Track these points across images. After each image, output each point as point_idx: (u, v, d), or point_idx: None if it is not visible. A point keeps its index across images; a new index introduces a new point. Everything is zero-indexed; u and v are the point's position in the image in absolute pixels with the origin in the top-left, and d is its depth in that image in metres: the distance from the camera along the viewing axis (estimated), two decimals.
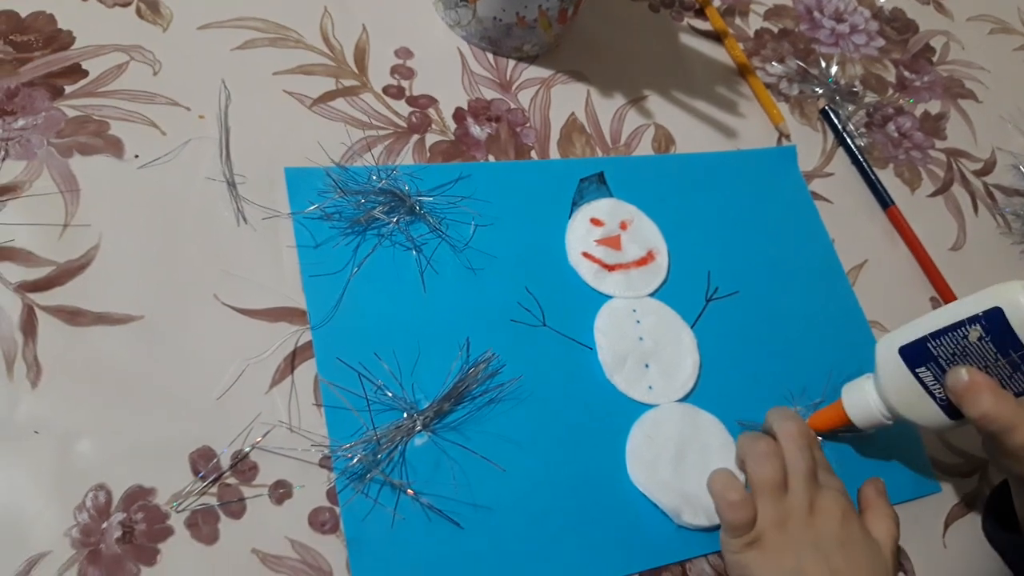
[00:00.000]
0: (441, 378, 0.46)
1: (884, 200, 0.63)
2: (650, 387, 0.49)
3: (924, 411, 0.45)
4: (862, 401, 0.47)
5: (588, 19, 0.62)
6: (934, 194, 0.66)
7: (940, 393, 0.44)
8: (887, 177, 0.65)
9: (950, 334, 0.43)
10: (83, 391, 0.41)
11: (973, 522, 0.52)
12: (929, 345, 0.44)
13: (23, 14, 0.50)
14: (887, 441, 0.52)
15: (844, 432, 0.50)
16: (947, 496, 0.52)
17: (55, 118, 0.47)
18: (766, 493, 0.43)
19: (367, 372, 0.45)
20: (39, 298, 0.42)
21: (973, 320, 0.42)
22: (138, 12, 0.52)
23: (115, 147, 0.47)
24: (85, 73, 0.49)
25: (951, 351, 0.43)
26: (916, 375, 0.45)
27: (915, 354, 0.45)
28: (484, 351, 0.48)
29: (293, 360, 0.44)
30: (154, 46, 0.51)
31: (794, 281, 0.56)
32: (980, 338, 0.42)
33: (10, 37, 0.49)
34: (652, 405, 0.49)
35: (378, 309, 0.47)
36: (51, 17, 0.51)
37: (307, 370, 0.44)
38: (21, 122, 0.46)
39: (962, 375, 0.43)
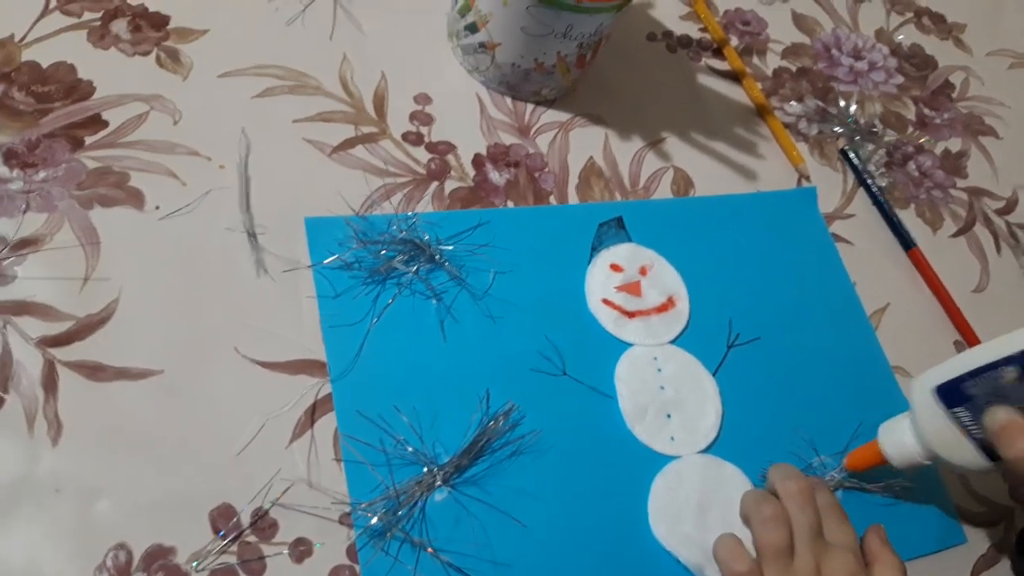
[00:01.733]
0: (461, 430, 0.46)
1: (906, 241, 0.62)
2: (672, 438, 0.49)
3: (961, 452, 0.45)
4: (899, 440, 0.47)
5: (605, 61, 0.62)
6: (956, 234, 0.65)
7: (978, 433, 0.44)
8: (908, 217, 0.64)
9: (986, 374, 0.43)
10: (103, 448, 0.41)
11: (1001, 573, 0.51)
12: (964, 385, 0.43)
13: (44, 64, 0.50)
14: (911, 491, 0.51)
15: (870, 483, 0.49)
16: (973, 547, 0.51)
17: (76, 170, 0.47)
18: (772, 560, 0.42)
19: (387, 426, 0.45)
20: (60, 353, 0.42)
21: (1009, 360, 0.42)
22: (158, 61, 0.53)
23: (135, 198, 0.47)
24: (105, 124, 0.49)
25: (987, 391, 0.43)
26: (953, 415, 0.44)
27: (951, 394, 0.44)
28: (504, 402, 0.47)
29: (313, 414, 0.44)
30: (174, 95, 0.51)
31: (816, 326, 0.56)
32: (1018, 378, 0.41)
33: (31, 88, 0.49)
34: (674, 456, 0.48)
35: (398, 360, 0.47)
36: (72, 67, 0.51)
37: (327, 424, 0.44)
38: (42, 174, 0.47)
39: (999, 416, 0.42)
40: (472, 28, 0.56)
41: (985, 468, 0.45)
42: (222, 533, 0.40)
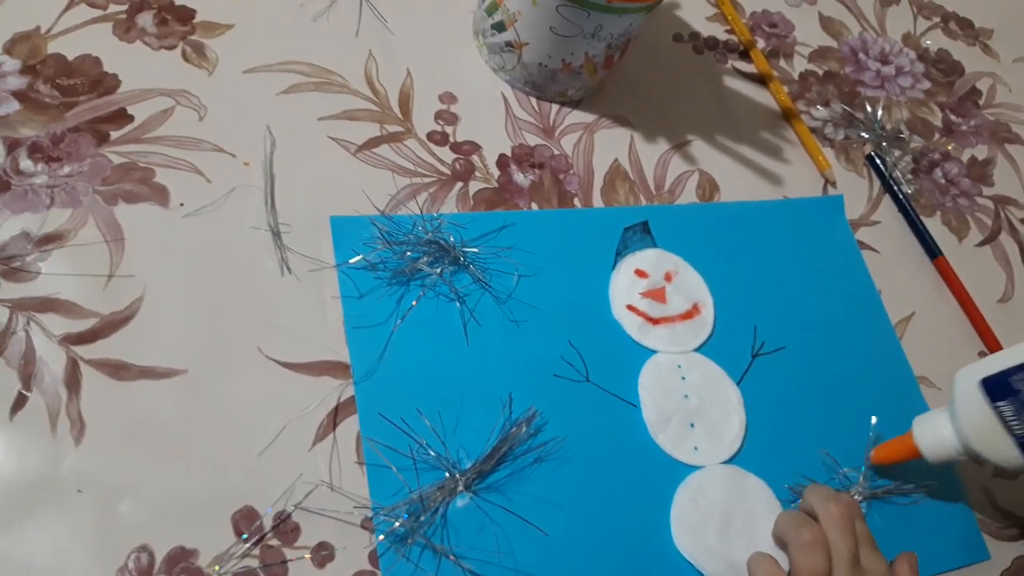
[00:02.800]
0: (483, 435, 0.45)
1: (932, 250, 0.61)
2: (696, 448, 0.48)
3: (1000, 447, 0.44)
4: (935, 434, 0.46)
5: (631, 61, 0.62)
6: (982, 243, 0.64)
7: (1019, 430, 0.43)
8: (934, 225, 0.63)
9: None
10: (126, 448, 0.40)
11: None
12: (1012, 379, 0.43)
13: (70, 57, 0.50)
14: (933, 505, 0.50)
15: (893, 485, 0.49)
16: (996, 563, 0.51)
17: (101, 165, 0.47)
18: None
19: (409, 429, 0.44)
20: (83, 351, 0.42)
21: None
22: (184, 55, 0.52)
23: (160, 195, 0.47)
24: (131, 118, 0.49)
25: None
26: (996, 409, 0.44)
27: (997, 387, 0.44)
28: (527, 407, 0.47)
29: (335, 416, 0.44)
30: (200, 90, 0.51)
31: (841, 336, 0.55)
32: None
33: (56, 81, 0.49)
34: (698, 467, 0.48)
35: (421, 363, 0.47)
36: (97, 60, 0.50)
37: (350, 426, 0.44)
38: (67, 168, 0.46)
39: None
40: (499, 27, 0.55)
41: (1021, 466, 0.45)
42: (244, 536, 0.40)
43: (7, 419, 0.40)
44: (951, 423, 0.46)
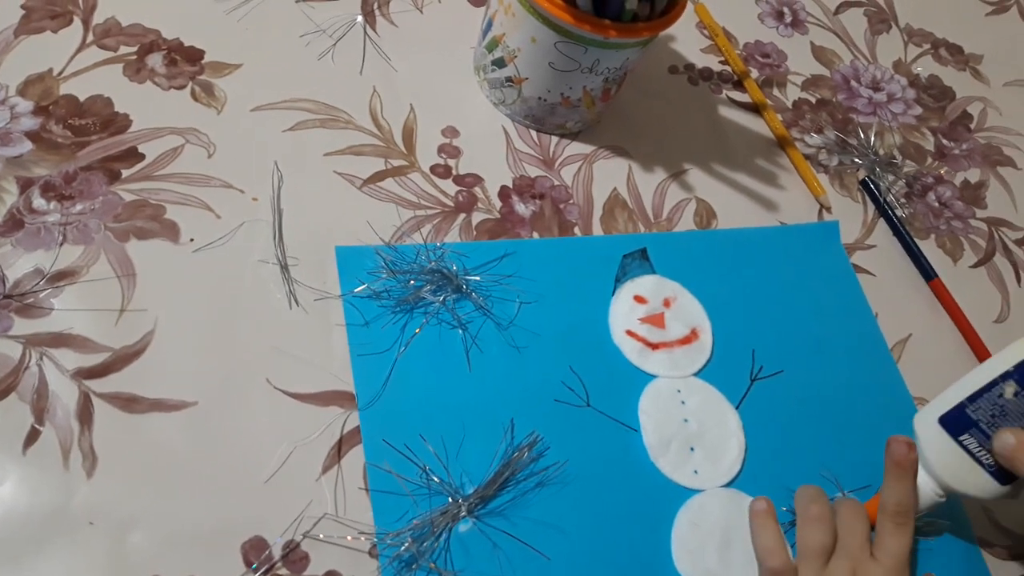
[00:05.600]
0: (486, 460, 0.46)
1: (927, 272, 0.62)
2: (696, 471, 0.49)
3: (974, 480, 0.45)
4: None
5: (628, 93, 0.63)
6: (976, 265, 0.65)
7: (987, 459, 0.44)
8: (929, 248, 0.64)
9: (986, 395, 0.44)
10: (137, 480, 0.41)
11: None
12: (967, 410, 0.44)
13: (82, 98, 0.52)
14: (933, 526, 0.50)
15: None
16: None
17: (112, 202, 0.48)
18: (810, 559, 0.43)
19: (413, 455, 0.45)
20: (95, 385, 0.43)
21: (1005, 376, 0.43)
22: (193, 94, 0.54)
23: (171, 231, 0.48)
24: (141, 156, 0.50)
25: (990, 412, 0.43)
26: (960, 444, 0.45)
27: (955, 422, 0.45)
28: (529, 432, 0.48)
29: (340, 445, 0.45)
30: (209, 128, 0.53)
31: (838, 359, 0.56)
32: (1016, 393, 0.42)
33: (69, 121, 0.50)
34: (698, 490, 0.48)
35: (424, 389, 0.48)
36: (108, 100, 0.52)
37: (357, 453, 0.45)
38: (79, 206, 0.48)
39: (1008, 439, 0.43)
40: (499, 63, 0.56)
41: (1000, 493, 0.45)
42: (255, 566, 0.40)
43: (20, 453, 0.41)
44: (923, 469, 0.47)
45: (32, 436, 0.41)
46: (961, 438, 0.45)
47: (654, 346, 0.53)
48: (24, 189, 0.48)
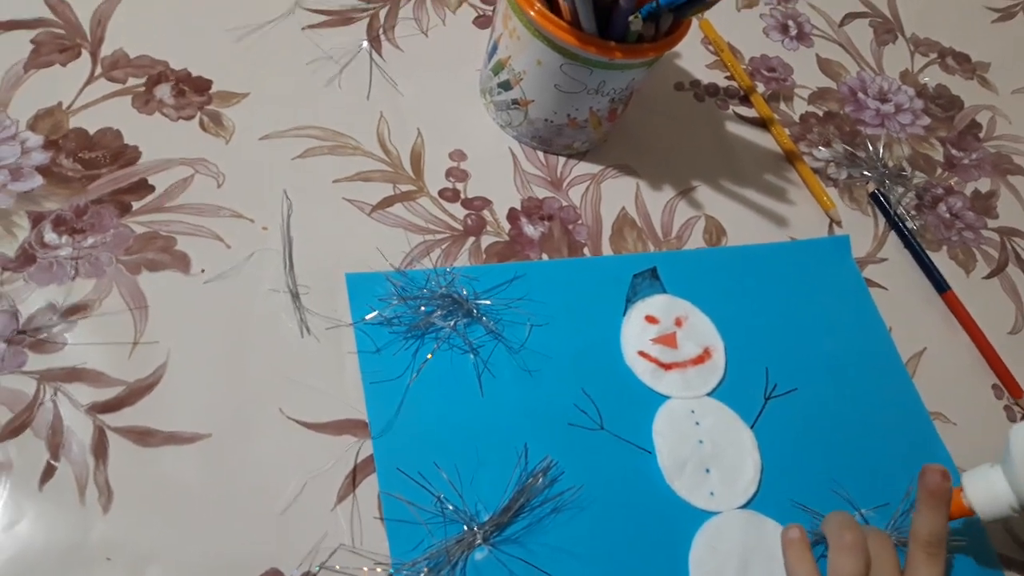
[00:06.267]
0: (500, 486, 0.46)
1: (940, 285, 0.62)
2: (712, 493, 0.49)
3: None
4: (988, 491, 0.46)
5: (634, 111, 0.63)
6: (989, 276, 0.65)
7: None
8: (941, 260, 0.64)
9: None
10: (153, 514, 0.41)
11: None
12: None
13: (91, 131, 0.52)
14: (952, 542, 0.50)
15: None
16: None
17: (123, 235, 0.48)
18: None
19: (427, 483, 0.45)
20: (110, 419, 0.43)
21: None
22: (201, 125, 0.54)
23: (182, 262, 0.48)
24: (152, 188, 0.50)
25: None
26: None
27: None
28: (543, 457, 0.47)
29: (354, 474, 0.44)
30: (218, 158, 0.53)
31: (853, 376, 0.55)
32: None
33: (79, 154, 0.51)
34: (714, 512, 0.48)
35: (437, 416, 0.48)
36: (118, 133, 0.52)
37: (371, 482, 0.44)
38: (90, 240, 0.48)
39: None
40: (506, 86, 0.57)
41: None
42: None
43: (37, 490, 0.41)
44: (1006, 478, 0.46)
45: (48, 472, 0.41)
46: None
47: (667, 366, 0.52)
48: (36, 224, 0.48)
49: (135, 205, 0.50)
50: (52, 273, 0.46)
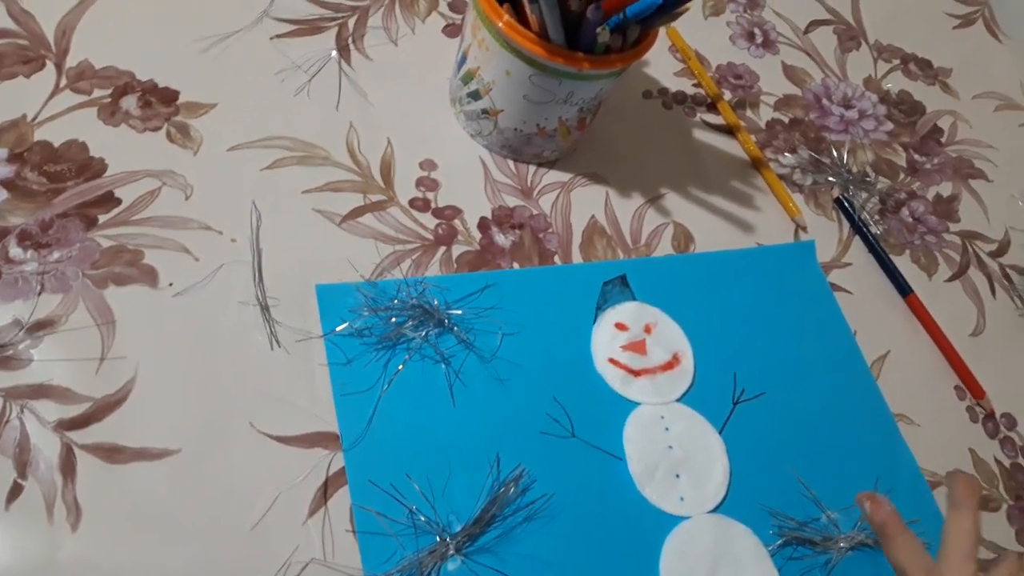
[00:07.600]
0: (473, 497, 0.46)
1: (903, 288, 0.63)
2: (681, 498, 0.49)
3: None
4: None
5: (603, 120, 0.63)
6: (951, 279, 0.66)
7: None
8: (904, 264, 0.65)
9: None
10: (123, 531, 0.41)
11: None
12: None
13: (56, 143, 0.51)
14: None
15: None
16: None
17: (90, 249, 0.48)
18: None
19: (399, 494, 0.45)
20: (77, 436, 0.43)
21: None
22: (168, 136, 0.54)
23: (149, 276, 0.48)
24: (118, 201, 0.50)
25: None
26: None
27: None
28: (514, 466, 0.48)
29: (326, 487, 0.44)
30: (185, 170, 0.52)
31: (819, 379, 0.56)
32: None
33: (44, 167, 0.50)
34: (684, 517, 0.49)
35: (409, 427, 0.48)
36: (83, 145, 0.52)
37: (343, 495, 0.45)
38: (56, 254, 0.47)
39: None
40: (475, 95, 0.57)
41: None
42: None
43: (3, 509, 0.40)
44: None
45: (15, 491, 0.41)
46: None
47: (637, 373, 0.53)
48: (1, 238, 0.47)
49: (101, 218, 0.49)
50: (17, 288, 0.46)
